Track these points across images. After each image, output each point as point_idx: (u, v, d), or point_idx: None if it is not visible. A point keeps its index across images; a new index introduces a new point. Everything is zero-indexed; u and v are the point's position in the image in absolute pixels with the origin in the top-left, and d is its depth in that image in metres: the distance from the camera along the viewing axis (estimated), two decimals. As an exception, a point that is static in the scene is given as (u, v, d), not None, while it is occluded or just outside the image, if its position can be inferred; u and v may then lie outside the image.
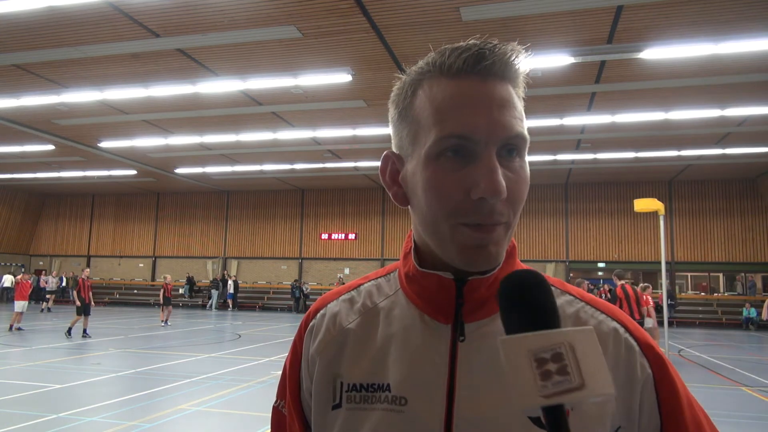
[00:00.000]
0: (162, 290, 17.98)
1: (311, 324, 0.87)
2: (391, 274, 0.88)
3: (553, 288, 0.79)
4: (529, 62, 0.77)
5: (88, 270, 16.40)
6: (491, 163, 0.69)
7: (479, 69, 0.71)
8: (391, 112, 0.81)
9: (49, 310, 23.24)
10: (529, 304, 0.58)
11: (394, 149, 0.81)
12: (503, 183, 0.68)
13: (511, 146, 0.72)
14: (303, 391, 0.85)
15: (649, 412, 0.73)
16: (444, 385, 0.73)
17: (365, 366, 0.78)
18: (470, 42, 0.73)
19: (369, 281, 0.89)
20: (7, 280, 25.11)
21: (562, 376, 0.53)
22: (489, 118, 0.70)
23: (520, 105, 0.75)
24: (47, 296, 23.92)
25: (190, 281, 28.76)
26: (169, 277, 18.68)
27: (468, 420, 0.71)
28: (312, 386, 0.82)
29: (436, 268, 0.77)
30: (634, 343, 0.76)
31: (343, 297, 0.88)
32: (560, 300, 0.79)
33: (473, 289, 0.76)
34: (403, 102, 0.78)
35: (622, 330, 0.77)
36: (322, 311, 0.87)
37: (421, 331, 0.77)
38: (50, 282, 24.60)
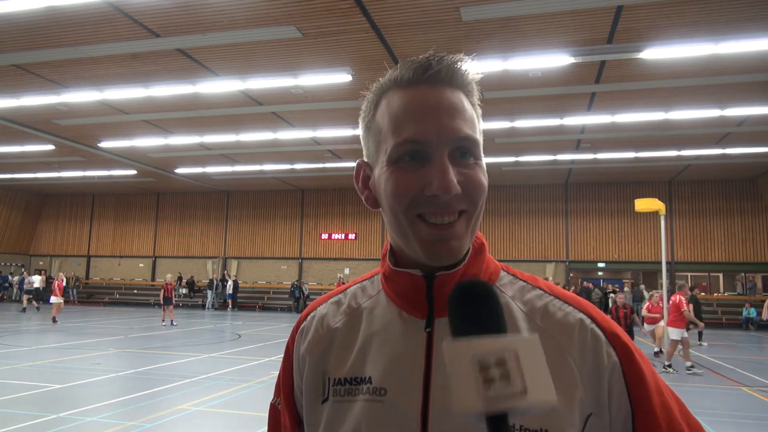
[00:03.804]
0: (162, 290, 17.94)
1: (302, 326, 0.94)
2: (375, 277, 0.94)
3: (523, 283, 0.86)
4: (476, 70, 0.82)
5: None
6: (443, 164, 0.75)
7: (427, 77, 0.79)
8: (360, 126, 0.89)
9: (37, 309, 23.11)
10: (475, 310, 0.62)
11: (364, 158, 0.89)
12: (454, 182, 0.74)
13: (463, 148, 0.78)
14: (295, 388, 0.92)
15: (619, 400, 0.77)
16: (420, 376, 0.78)
17: (349, 361, 0.84)
18: (421, 56, 0.81)
19: (355, 284, 0.96)
20: (37, 280, 26.30)
21: (504, 382, 0.53)
22: (438, 122, 0.76)
23: (471, 110, 0.81)
24: (29, 296, 23.79)
25: (190, 282, 28.76)
26: (169, 276, 18.65)
27: (442, 408, 0.75)
28: (303, 384, 0.89)
29: (408, 267, 0.83)
30: (600, 333, 0.80)
31: (331, 300, 0.95)
32: (531, 294, 0.85)
33: (442, 284, 0.81)
34: (368, 116, 0.86)
35: (588, 320, 0.81)
36: (312, 314, 0.94)
37: (399, 327, 0.83)
38: (35, 282, 24.59)
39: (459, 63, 0.80)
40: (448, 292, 0.78)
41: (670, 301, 11.01)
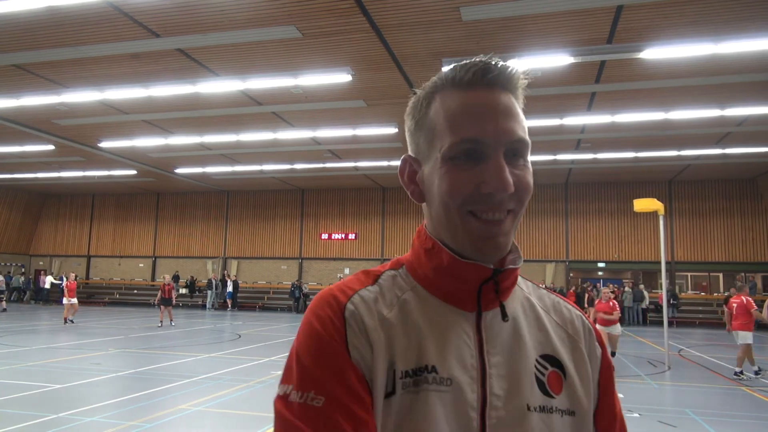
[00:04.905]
0: (159, 291, 17.92)
1: (348, 308, 0.81)
2: (401, 269, 0.91)
3: (531, 283, 0.97)
4: (527, 77, 0.87)
5: None
6: (500, 163, 0.79)
7: (486, 80, 0.82)
8: (408, 123, 0.91)
9: (4, 310, 22.88)
10: None
11: (411, 153, 0.91)
12: (510, 180, 0.79)
13: (516, 149, 0.82)
14: (359, 376, 0.78)
15: (595, 390, 0.90)
16: (478, 366, 0.82)
17: (412, 352, 0.82)
18: (476, 59, 0.84)
19: (384, 272, 0.90)
20: (48, 281, 26.75)
21: None
22: (496, 124, 0.80)
23: (521, 113, 0.85)
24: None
25: (190, 282, 28.75)
26: (167, 276, 18.64)
27: (497, 396, 0.81)
28: (371, 373, 0.79)
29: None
30: (592, 330, 0.95)
31: (369, 287, 0.86)
32: (539, 291, 0.96)
33: (505, 277, 0.85)
34: (419, 113, 0.88)
35: (584, 318, 0.96)
36: (354, 297, 0.83)
37: (449, 319, 0.85)
38: (46, 282, 24.61)
39: (515, 69, 0.84)
40: (507, 285, 0.87)
41: (735, 304, 10.46)
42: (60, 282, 25.91)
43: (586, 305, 19.95)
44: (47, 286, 27.20)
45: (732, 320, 10.52)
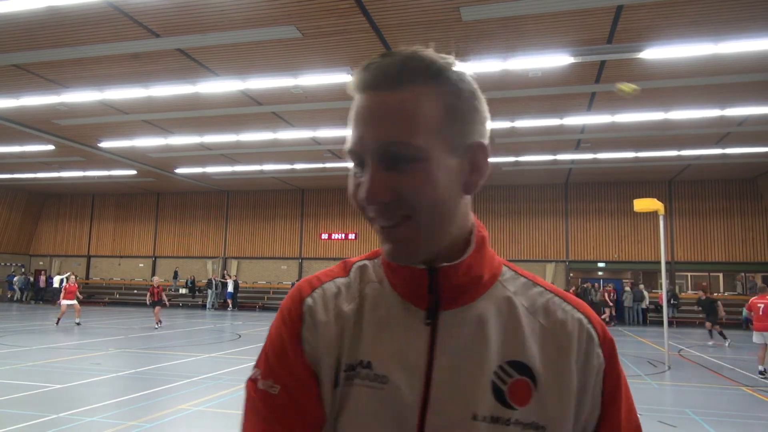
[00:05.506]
0: (148, 293, 17.82)
1: (308, 303, 0.85)
2: (376, 261, 0.91)
3: (525, 279, 0.89)
4: (439, 56, 0.79)
5: None
6: (368, 172, 0.76)
7: (364, 85, 0.78)
8: None
9: None
10: None
11: None
12: (374, 190, 0.74)
13: (391, 153, 0.74)
14: (307, 367, 0.81)
15: (594, 400, 0.81)
16: (423, 367, 0.78)
17: (356, 346, 0.82)
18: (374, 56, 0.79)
19: (357, 264, 0.91)
20: (56, 280, 26.75)
21: None
22: (365, 130, 0.76)
23: (419, 106, 0.75)
24: None
25: (190, 282, 28.75)
26: (156, 279, 18.63)
27: (442, 399, 0.76)
28: (320, 366, 0.82)
29: None
30: (594, 334, 0.83)
31: (338, 280, 0.88)
32: (532, 291, 0.87)
33: (447, 276, 0.81)
34: None
35: (585, 321, 0.84)
36: (317, 290, 0.87)
37: (403, 317, 0.82)
38: (54, 282, 24.70)
39: (394, 61, 0.76)
40: (455, 284, 0.82)
41: (761, 305, 10.43)
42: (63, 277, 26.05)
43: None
44: (56, 285, 27.23)
45: (756, 321, 10.57)
